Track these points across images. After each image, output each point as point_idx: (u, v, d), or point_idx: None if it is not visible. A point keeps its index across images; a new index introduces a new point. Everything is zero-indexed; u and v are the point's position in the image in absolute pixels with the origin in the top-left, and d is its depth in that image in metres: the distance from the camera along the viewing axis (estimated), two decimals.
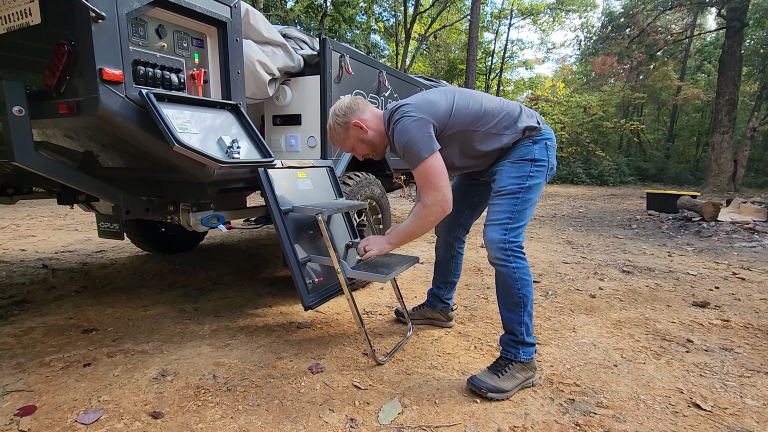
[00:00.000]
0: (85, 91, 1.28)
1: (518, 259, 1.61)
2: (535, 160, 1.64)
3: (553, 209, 8.02)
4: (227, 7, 1.65)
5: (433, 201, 1.56)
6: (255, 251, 3.80)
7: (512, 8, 21.42)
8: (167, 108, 1.39)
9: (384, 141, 1.76)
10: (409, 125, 1.55)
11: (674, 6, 13.25)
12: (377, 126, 1.72)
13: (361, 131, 1.70)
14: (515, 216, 1.61)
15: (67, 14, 1.26)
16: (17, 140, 1.33)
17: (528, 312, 1.63)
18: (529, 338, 1.63)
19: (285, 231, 1.79)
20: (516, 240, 1.61)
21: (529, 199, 1.63)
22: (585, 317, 2.39)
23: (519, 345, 1.62)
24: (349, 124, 1.69)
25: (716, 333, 2.19)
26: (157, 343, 1.93)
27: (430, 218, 1.59)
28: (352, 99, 1.75)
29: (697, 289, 2.93)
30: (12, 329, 2.02)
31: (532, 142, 1.65)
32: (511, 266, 1.60)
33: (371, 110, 1.75)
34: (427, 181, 1.56)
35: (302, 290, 1.77)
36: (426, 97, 1.66)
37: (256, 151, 1.58)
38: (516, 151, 1.66)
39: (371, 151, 1.79)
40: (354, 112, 1.70)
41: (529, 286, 1.62)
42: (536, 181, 1.65)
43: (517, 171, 1.63)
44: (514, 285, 1.61)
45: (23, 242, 4.04)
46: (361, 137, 1.72)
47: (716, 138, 12.23)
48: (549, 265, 3.57)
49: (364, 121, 1.70)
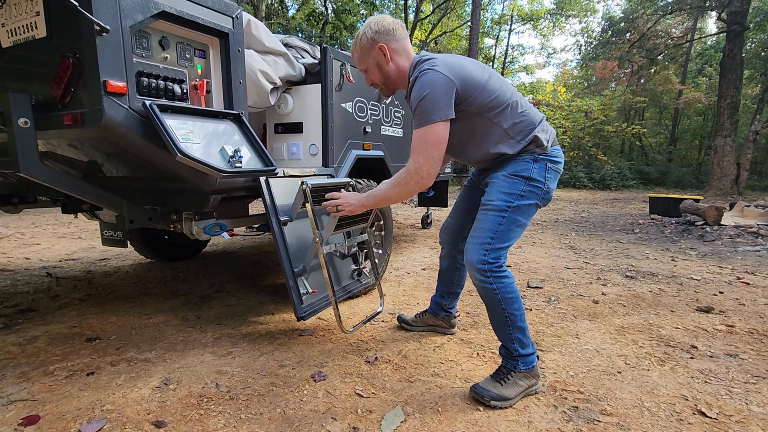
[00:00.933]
0: (90, 102, 1.30)
1: (499, 278, 1.55)
2: (530, 179, 1.57)
3: (555, 214, 8.00)
4: (229, 18, 1.67)
5: (417, 168, 1.46)
6: (257, 258, 3.81)
7: (512, 14, 21.54)
8: (170, 119, 1.40)
9: (400, 82, 1.65)
10: (435, 81, 1.43)
11: (674, 10, 13.29)
12: (402, 64, 1.61)
13: (383, 58, 1.58)
14: (498, 236, 1.55)
15: (72, 27, 1.28)
16: (23, 151, 1.35)
17: (518, 327, 1.59)
18: (525, 350, 1.60)
19: (282, 240, 1.79)
20: (496, 261, 1.55)
21: (515, 219, 1.57)
22: (588, 323, 2.38)
23: (516, 358, 1.60)
24: (376, 43, 1.57)
25: (721, 339, 2.17)
26: (160, 351, 1.93)
27: (409, 186, 1.50)
28: (394, 21, 1.61)
29: (701, 294, 2.91)
30: (16, 338, 2.03)
31: (533, 159, 1.58)
32: (491, 287, 1.56)
33: (405, 46, 1.62)
34: (422, 146, 1.45)
35: (296, 301, 1.78)
36: (460, 60, 1.54)
37: (258, 160, 1.59)
38: (513, 165, 1.60)
39: (382, 84, 1.67)
40: (387, 35, 1.57)
41: (514, 302, 1.57)
42: (527, 202, 1.57)
43: (509, 187, 1.57)
44: (498, 305, 1.57)
45: (27, 250, 4.06)
46: (380, 63, 1.60)
47: (719, 141, 12.22)
48: (552, 270, 3.56)
49: (392, 50, 1.58)
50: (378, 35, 1.57)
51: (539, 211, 8.29)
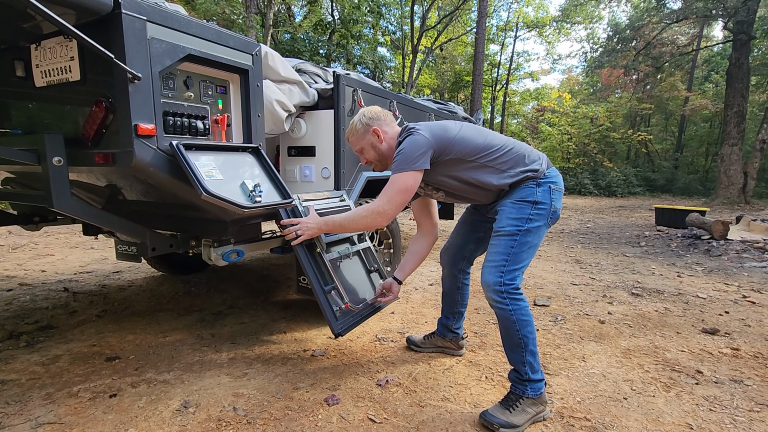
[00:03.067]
0: (121, 144, 1.37)
1: (515, 301, 1.63)
2: (536, 203, 1.67)
3: (561, 224, 8.02)
4: (249, 56, 1.74)
5: (378, 208, 1.64)
6: (267, 272, 3.88)
7: (518, 21, 21.62)
8: (194, 156, 1.47)
9: (390, 158, 1.82)
10: (413, 139, 1.65)
11: (680, 19, 13.29)
12: (392, 143, 1.82)
13: (377, 139, 1.81)
14: (512, 258, 1.63)
15: (106, 74, 1.35)
16: (56, 188, 1.42)
17: (530, 351, 1.65)
18: (535, 375, 1.66)
19: (309, 262, 1.85)
20: (512, 282, 1.63)
21: (526, 242, 1.65)
22: (594, 345, 2.41)
23: (526, 382, 1.65)
24: (370, 128, 1.81)
25: (726, 363, 2.21)
26: (178, 372, 2.00)
27: (367, 220, 1.68)
28: (382, 110, 1.87)
29: (707, 314, 2.94)
30: (39, 357, 2.10)
31: (536, 184, 1.69)
32: (508, 309, 1.62)
33: (394, 128, 1.87)
34: (390, 190, 1.64)
35: (330, 318, 1.82)
36: (441, 123, 1.77)
37: (276, 192, 1.66)
38: (518, 192, 1.71)
39: (377, 161, 1.88)
40: (378, 121, 1.82)
41: (528, 326, 1.64)
42: (536, 224, 1.67)
43: (517, 212, 1.67)
44: (513, 327, 1.64)
45: (43, 262, 4.16)
46: (374, 144, 1.83)
47: (725, 150, 12.18)
48: (558, 287, 3.60)
49: (384, 132, 1.82)
50: (371, 121, 1.81)
51: None
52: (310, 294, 2.59)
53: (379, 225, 1.67)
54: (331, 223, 1.77)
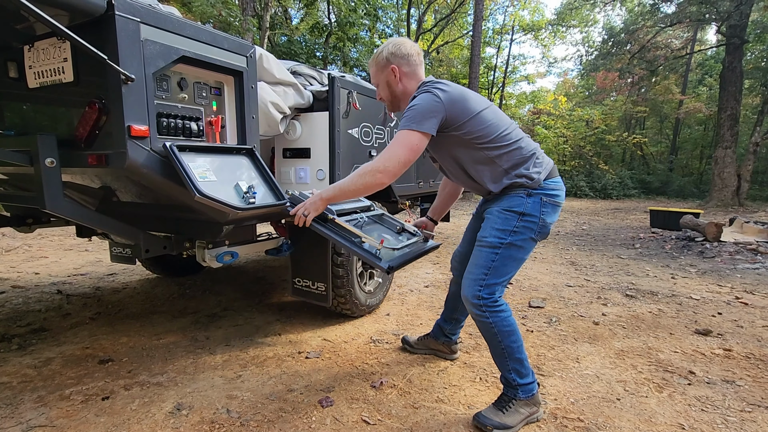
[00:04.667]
0: (114, 145, 1.37)
1: (495, 313, 1.60)
2: (523, 215, 1.59)
3: (557, 226, 8.05)
4: (244, 58, 1.75)
5: (379, 166, 1.49)
6: (263, 274, 3.87)
7: (514, 24, 21.74)
8: (188, 157, 1.47)
9: (404, 104, 1.72)
10: (426, 98, 1.53)
11: (674, 23, 13.41)
12: (409, 87, 1.70)
13: (394, 79, 1.69)
14: (492, 272, 1.59)
15: (99, 75, 1.35)
16: (48, 189, 1.42)
17: (515, 358, 1.64)
18: (523, 379, 1.65)
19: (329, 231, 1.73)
20: (490, 296, 1.60)
21: (509, 255, 1.60)
22: (588, 346, 2.42)
23: (516, 387, 1.66)
24: (390, 64, 1.67)
25: (718, 363, 2.22)
26: (172, 374, 1.99)
27: (366, 179, 1.51)
28: (412, 47, 1.70)
29: (700, 315, 2.96)
30: (31, 360, 2.08)
31: (527, 194, 1.60)
32: (488, 321, 1.61)
33: (417, 71, 1.71)
34: (395, 146, 1.50)
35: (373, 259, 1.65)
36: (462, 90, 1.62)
37: (270, 194, 1.66)
38: (507, 200, 1.63)
39: (388, 101, 1.77)
40: (401, 59, 1.67)
41: (511, 335, 1.62)
42: (521, 237, 1.59)
43: (502, 223, 1.60)
44: (495, 338, 1.63)
45: (36, 264, 4.13)
46: (390, 82, 1.70)
47: (719, 153, 12.28)
48: (553, 288, 3.62)
49: (403, 73, 1.68)
50: (393, 57, 1.67)
51: None
52: (305, 296, 2.60)
53: (381, 184, 1.52)
54: (331, 190, 1.60)
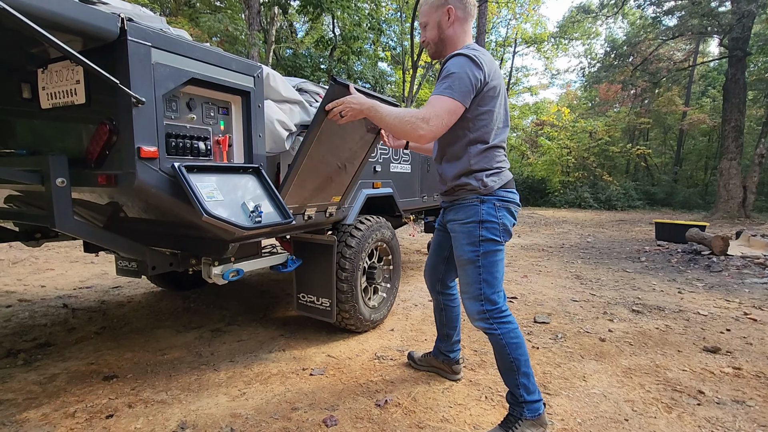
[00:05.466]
0: (124, 166, 1.39)
1: (502, 324, 1.64)
2: (482, 222, 1.64)
3: (561, 238, 8.02)
4: (251, 78, 1.78)
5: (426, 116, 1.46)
6: (267, 287, 3.87)
7: (516, 37, 21.97)
8: (196, 177, 1.49)
9: (447, 50, 1.69)
10: (468, 64, 1.51)
11: (676, 36, 13.51)
12: (458, 35, 1.68)
13: (445, 20, 1.66)
14: (485, 284, 1.64)
15: (110, 97, 1.38)
16: (59, 209, 1.44)
17: (523, 373, 1.65)
18: (530, 396, 1.65)
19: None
20: (495, 306, 1.64)
21: (490, 262, 1.64)
22: (595, 364, 2.40)
23: (522, 404, 1.64)
24: (446, 4, 1.64)
25: (728, 383, 2.19)
26: (176, 391, 1.98)
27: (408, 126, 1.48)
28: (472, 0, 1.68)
29: (708, 332, 2.92)
30: (37, 376, 2.09)
31: (480, 201, 1.65)
32: (497, 333, 1.64)
33: (469, 23, 1.70)
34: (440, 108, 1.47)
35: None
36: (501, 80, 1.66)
37: (277, 213, 1.67)
38: (463, 210, 1.68)
39: (434, 43, 1.72)
40: (458, 2, 1.65)
41: (519, 348, 1.64)
42: (490, 244, 1.64)
43: (468, 237, 1.65)
44: (504, 350, 1.65)
45: (42, 277, 4.16)
46: (441, 23, 1.67)
47: (724, 164, 12.25)
48: (558, 303, 3.59)
49: (457, 17, 1.65)
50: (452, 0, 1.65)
51: (545, 236, 8.31)
52: (310, 311, 2.60)
53: (419, 136, 1.47)
54: (374, 110, 1.56)
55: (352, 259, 2.53)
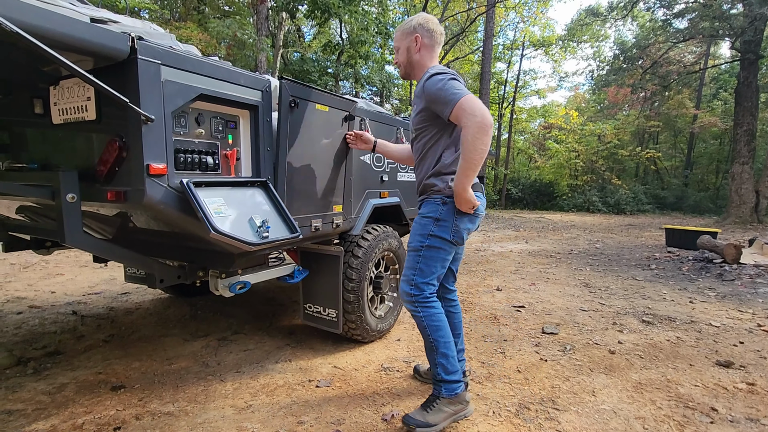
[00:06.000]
0: (133, 183, 1.40)
1: (425, 308, 1.80)
2: (438, 220, 1.78)
3: (570, 244, 7.94)
4: (259, 92, 1.78)
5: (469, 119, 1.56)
6: (273, 294, 3.88)
7: (524, 40, 21.87)
8: (204, 193, 1.50)
9: (417, 73, 1.89)
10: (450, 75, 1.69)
11: (687, 39, 13.36)
12: (424, 59, 1.87)
13: (413, 46, 1.86)
14: (418, 272, 1.81)
15: (120, 114, 1.39)
16: (68, 224, 1.45)
17: (441, 353, 1.80)
18: (448, 376, 1.80)
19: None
20: (420, 292, 1.81)
21: (431, 255, 1.79)
22: (605, 378, 2.36)
23: (440, 383, 1.81)
24: (415, 32, 1.85)
25: (741, 399, 2.14)
26: (183, 403, 1.99)
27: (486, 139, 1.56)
28: (438, 27, 1.88)
29: (721, 345, 2.87)
30: (46, 386, 2.11)
31: (442, 202, 1.79)
32: (419, 315, 1.81)
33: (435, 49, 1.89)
34: (463, 111, 1.58)
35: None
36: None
37: (284, 228, 1.67)
38: (426, 206, 1.84)
39: (403, 66, 1.92)
40: (426, 32, 1.84)
41: (439, 330, 1.80)
42: (437, 240, 1.78)
43: (421, 229, 1.82)
44: (425, 331, 1.82)
45: (53, 282, 4.21)
46: (409, 49, 1.87)
47: (736, 169, 12.05)
48: (566, 313, 3.55)
49: (423, 44, 1.85)
50: (420, 27, 1.86)
51: (553, 242, 8.24)
52: (316, 322, 2.60)
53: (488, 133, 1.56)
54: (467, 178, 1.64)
55: (358, 270, 2.52)
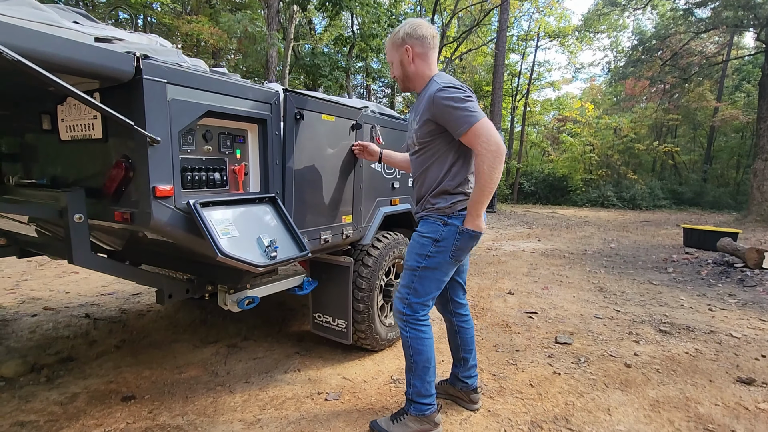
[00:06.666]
0: (139, 205, 1.38)
1: (414, 329, 1.78)
2: (437, 241, 1.72)
3: (584, 243, 7.80)
4: (268, 105, 1.74)
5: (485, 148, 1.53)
6: (283, 298, 3.87)
7: (539, 31, 21.38)
8: (211, 213, 1.47)
9: (417, 84, 1.79)
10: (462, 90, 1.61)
11: (709, 29, 12.89)
12: (421, 69, 1.76)
13: (406, 59, 1.75)
14: (413, 291, 1.77)
15: (126, 134, 1.36)
16: (77, 244, 1.44)
17: (417, 375, 1.80)
18: (419, 398, 1.81)
19: None
20: (413, 313, 1.77)
21: (426, 276, 1.75)
22: (620, 394, 2.30)
23: (410, 401, 1.82)
24: (405, 43, 1.73)
25: (764, 421, 2.07)
26: (192, 416, 1.99)
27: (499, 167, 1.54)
28: (429, 29, 1.75)
29: (742, 358, 2.78)
30: (58, 395, 2.13)
31: (444, 223, 1.72)
32: (405, 335, 1.80)
33: (430, 55, 1.76)
34: (477, 137, 1.55)
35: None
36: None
37: (293, 246, 1.64)
38: (425, 225, 1.78)
39: (399, 78, 1.84)
40: (416, 40, 1.72)
41: (420, 354, 1.78)
42: (435, 260, 1.73)
43: (419, 248, 1.76)
44: (407, 351, 1.81)
45: (67, 281, 4.27)
46: (403, 61, 1.76)
47: (758, 165, 11.66)
48: (580, 320, 3.47)
49: (416, 54, 1.74)
50: (408, 37, 1.74)
51: (567, 241, 8.10)
52: (326, 331, 2.58)
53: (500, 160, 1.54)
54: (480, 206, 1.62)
55: (368, 279, 2.49)
